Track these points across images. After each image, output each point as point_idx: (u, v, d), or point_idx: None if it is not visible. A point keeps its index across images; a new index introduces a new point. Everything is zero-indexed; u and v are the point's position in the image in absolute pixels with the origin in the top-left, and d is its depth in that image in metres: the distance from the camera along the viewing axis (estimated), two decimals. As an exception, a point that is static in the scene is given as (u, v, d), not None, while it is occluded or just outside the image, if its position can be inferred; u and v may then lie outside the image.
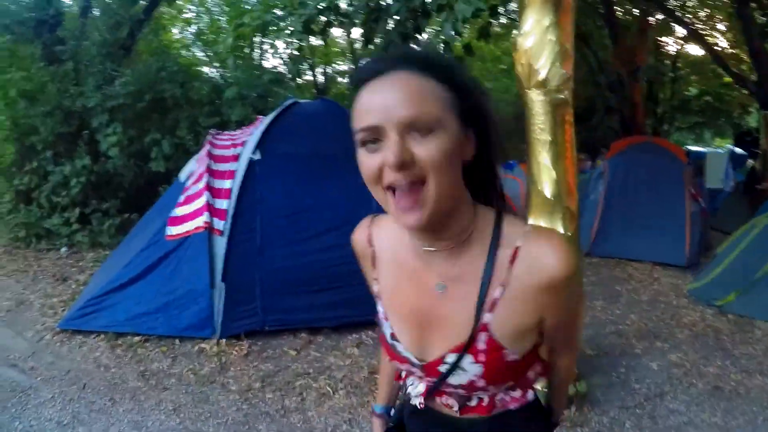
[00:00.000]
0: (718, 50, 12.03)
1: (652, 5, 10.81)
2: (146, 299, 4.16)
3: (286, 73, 9.54)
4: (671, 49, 15.08)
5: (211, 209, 4.23)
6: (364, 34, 5.03)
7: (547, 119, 2.80)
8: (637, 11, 11.76)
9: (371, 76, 0.87)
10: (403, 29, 4.54)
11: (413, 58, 0.88)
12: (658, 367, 3.80)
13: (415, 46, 3.23)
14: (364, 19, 4.81)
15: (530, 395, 1.10)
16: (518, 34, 2.84)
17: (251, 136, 4.63)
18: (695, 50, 14.51)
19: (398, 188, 0.85)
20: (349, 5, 5.02)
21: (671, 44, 14.83)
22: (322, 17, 4.77)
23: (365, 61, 0.94)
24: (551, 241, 0.94)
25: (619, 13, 11.91)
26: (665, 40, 14.35)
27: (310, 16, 4.65)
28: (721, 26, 13.14)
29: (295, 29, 4.73)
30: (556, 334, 1.05)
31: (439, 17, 4.23)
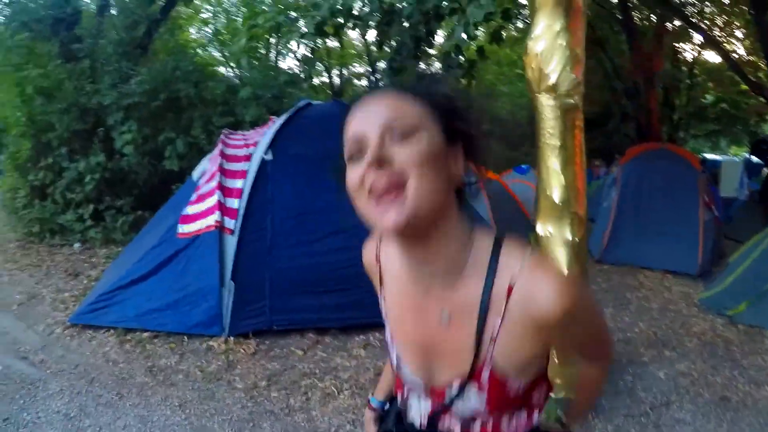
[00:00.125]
0: (735, 57, 11.93)
1: (669, 11, 10.74)
2: (156, 296, 4.20)
3: (301, 74, 9.59)
4: (688, 55, 14.99)
5: (222, 208, 4.26)
6: (377, 36, 5.06)
7: (556, 124, 2.79)
8: (654, 17, 11.70)
9: (357, 100, 0.94)
10: (415, 32, 4.55)
11: (396, 82, 0.94)
12: (665, 376, 3.76)
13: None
14: (377, 21, 4.82)
15: (536, 419, 1.06)
16: (529, 38, 2.84)
17: (264, 136, 4.66)
18: (712, 57, 14.43)
19: (377, 189, 0.85)
20: (362, 7, 5.04)
21: (688, 51, 14.74)
22: (335, 19, 4.79)
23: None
24: (547, 277, 0.89)
25: (636, 18, 11.84)
26: (682, 46, 14.26)
27: (322, 17, 4.67)
28: (738, 33, 13.03)
29: (308, 31, 4.76)
30: (573, 351, 1.04)
31: (451, 20, 4.24)
